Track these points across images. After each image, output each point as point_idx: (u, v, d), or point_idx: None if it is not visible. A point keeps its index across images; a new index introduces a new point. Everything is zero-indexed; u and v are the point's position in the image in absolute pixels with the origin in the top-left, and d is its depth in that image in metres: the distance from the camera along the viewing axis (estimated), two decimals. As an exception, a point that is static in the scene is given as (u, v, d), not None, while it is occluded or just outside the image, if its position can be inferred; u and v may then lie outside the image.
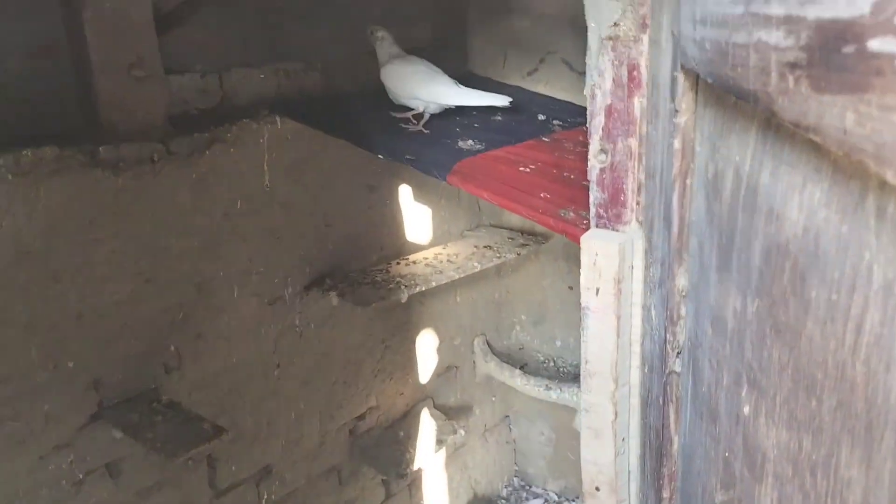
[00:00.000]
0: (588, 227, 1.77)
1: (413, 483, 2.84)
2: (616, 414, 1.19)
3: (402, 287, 2.29)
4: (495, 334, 3.10)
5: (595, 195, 1.17)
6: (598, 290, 1.13)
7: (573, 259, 2.90)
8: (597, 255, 1.13)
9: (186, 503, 2.09)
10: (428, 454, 2.60)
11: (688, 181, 0.92)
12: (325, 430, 2.46)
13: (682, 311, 0.97)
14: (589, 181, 1.17)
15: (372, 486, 2.67)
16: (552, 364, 3.04)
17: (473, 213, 2.91)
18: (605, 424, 1.20)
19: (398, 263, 2.52)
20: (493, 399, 3.15)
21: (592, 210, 1.18)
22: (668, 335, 1.00)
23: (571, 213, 1.74)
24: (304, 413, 2.38)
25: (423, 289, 2.34)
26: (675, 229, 0.95)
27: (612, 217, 1.16)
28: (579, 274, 3.09)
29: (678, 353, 1.00)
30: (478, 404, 3.07)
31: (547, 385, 2.78)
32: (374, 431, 2.61)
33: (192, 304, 2.03)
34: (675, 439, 1.04)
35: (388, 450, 2.56)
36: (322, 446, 2.45)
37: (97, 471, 1.88)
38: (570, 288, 2.96)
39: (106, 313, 1.84)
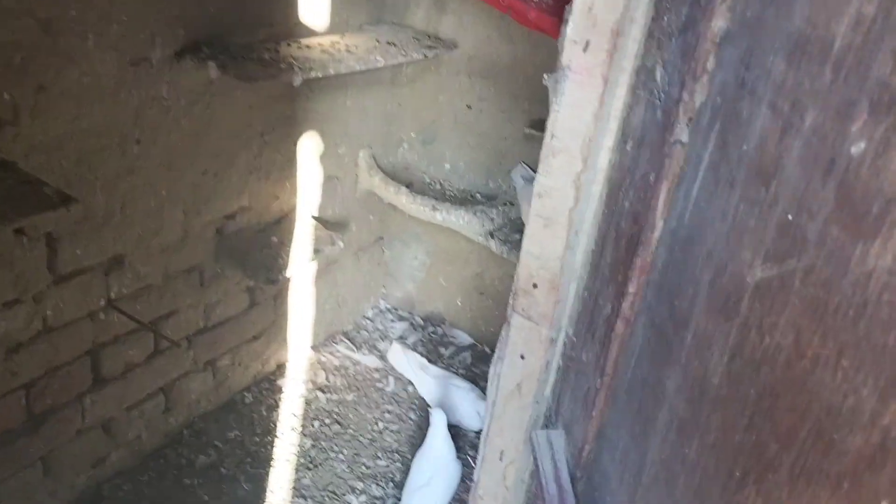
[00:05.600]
0: (540, 7, 1.55)
1: (279, 294, 2.65)
2: (577, 201, 1.02)
3: (296, 69, 1.98)
4: (382, 149, 2.87)
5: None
6: (587, 43, 0.93)
7: (477, 75, 2.68)
8: (595, -3, 0.92)
9: (19, 285, 1.77)
10: (300, 264, 2.39)
11: None
12: (189, 224, 2.17)
13: (710, 64, 0.79)
14: None
15: (236, 291, 2.45)
16: (438, 187, 2.87)
17: (376, 6, 2.57)
18: (561, 212, 1.04)
19: (289, 45, 2.18)
20: (371, 217, 2.96)
21: (592, -56, 0.95)
22: (683, 94, 0.82)
23: (520, -12, 1.50)
24: (167, 202, 2.07)
25: (320, 75, 2.04)
26: (730, -49, 0.74)
27: (618, -46, 0.93)
28: (481, 92, 2.84)
29: (690, 119, 0.83)
30: (355, 221, 2.87)
31: (434, 206, 2.62)
32: (244, 233, 2.35)
33: (34, 46, 1.62)
34: (660, 225, 0.88)
35: (258, 254, 2.32)
36: (184, 241, 2.17)
37: None
38: (469, 107, 2.75)
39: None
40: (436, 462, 2.21)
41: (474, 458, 2.40)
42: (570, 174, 1.01)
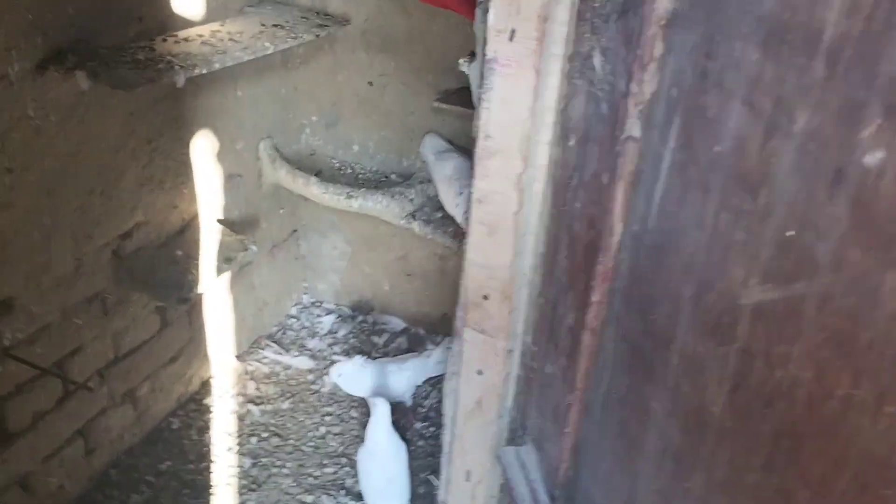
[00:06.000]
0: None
1: (192, 309, 2.47)
2: (521, 204, 0.93)
3: (177, 67, 1.79)
4: (282, 138, 2.69)
5: None
6: (513, 32, 0.82)
7: (375, 49, 2.53)
8: (518, -19, 0.81)
9: None
10: (212, 275, 2.22)
11: None
12: (82, 251, 1.96)
13: (658, 50, 0.71)
14: None
15: (144, 314, 2.26)
16: (350, 171, 2.73)
17: (255, -14, 2.37)
18: (506, 218, 0.94)
19: (165, 41, 1.97)
20: (281, 211, 2.80)
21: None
22: (630, 85, 0.73)
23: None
24: (52, 231, 1.86)
25: (205, 71, 1.85)
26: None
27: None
28: (381, 67, 2.67)
29: (641, 112, 0.74)
30: (264, 218, 2.71)
31: (348, 193, 2.48)
32: (144, 251, 2.16)
33: None
34: (619, 229, 0.80)
35: (163, 272, 2.14)
36: (78, 271, 1.97)
37: None
38: (371, 84, 2.60)
39: None
40: (388, 455, 2.13)
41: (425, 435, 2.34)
42: (511, 176, 0.91)
